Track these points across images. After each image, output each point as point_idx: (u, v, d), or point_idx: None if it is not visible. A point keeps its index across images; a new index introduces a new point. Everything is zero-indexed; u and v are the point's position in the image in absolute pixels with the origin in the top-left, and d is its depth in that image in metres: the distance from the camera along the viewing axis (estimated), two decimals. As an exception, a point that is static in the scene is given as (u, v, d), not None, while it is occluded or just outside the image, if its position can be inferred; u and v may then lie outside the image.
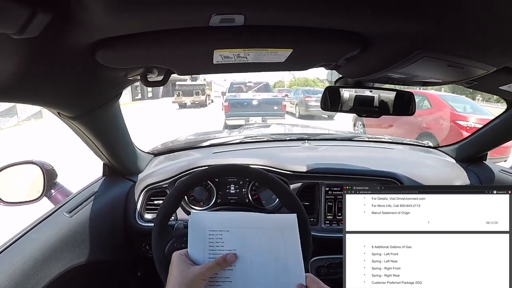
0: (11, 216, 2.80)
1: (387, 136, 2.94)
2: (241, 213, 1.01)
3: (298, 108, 18.82)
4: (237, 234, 0.98)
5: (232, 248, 0.97)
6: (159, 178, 1.91)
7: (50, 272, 1.30)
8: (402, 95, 1.41)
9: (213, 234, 0.98)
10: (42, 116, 19.47)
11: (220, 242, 0.97)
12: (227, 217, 1.01)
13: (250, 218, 1.01)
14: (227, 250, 0.96)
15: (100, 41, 0.85)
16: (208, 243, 0.97)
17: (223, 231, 0.98)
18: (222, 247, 0.97)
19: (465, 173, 2.13)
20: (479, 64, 0.97)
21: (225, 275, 0.95)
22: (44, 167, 1.70)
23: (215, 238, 0.98)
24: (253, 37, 0.89)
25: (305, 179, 1.93)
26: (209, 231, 0.98)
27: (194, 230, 0.98)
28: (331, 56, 1.10)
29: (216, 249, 0.97)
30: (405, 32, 0.84)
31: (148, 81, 1.15)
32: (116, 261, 1.83)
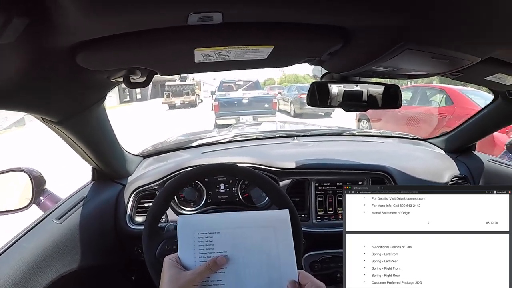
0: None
1: (376, 130, 2.95)
2: (231, 213, 1.00)
3: (293, 106, 18.12)
4: (228, 235, 0.97)
5: (223, 250, 0.96)
6: (148, 180, 1.90)
7: (42, 280, 1.29)
8: (389, 88, 1.41)
9: (202, 237, 0.97)
10: (24, 123, 19.29)
11: (211, 245, 0.97)
12: (217, 219, 1.00)
13: (240, 217, 1.00)
14: (218, 252, 0.96)
15: (79, 44, 0.84)
16: (198, 246, 0.96)
17: (213, 233, 0.97)
18: (213, 250, 0.96)
19: (454, 163, 2.14)
20: (463, 55, 0.97)
21: (217, 278, 0.94)
22: (32, 174, 1.68)
23: (205, 241, 0.97)
24: (233, 34, 0.88)
25: (295, 176, 1.93)
26: (198, 234, 0.97)
27: (183, 234, 0.97)
28: (313, 51, 1.09)
29: (206, 252, 0.96)
30: (386, 25, 0.84)
31: (131, 82, 1.13)
32: (109, 265, 1.82)
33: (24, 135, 15.73)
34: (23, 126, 18.65)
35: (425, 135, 2.56)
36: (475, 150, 2.30)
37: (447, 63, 1.05)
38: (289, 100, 18.83)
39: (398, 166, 1.96)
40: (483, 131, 2.10)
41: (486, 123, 2.02)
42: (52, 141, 1.66)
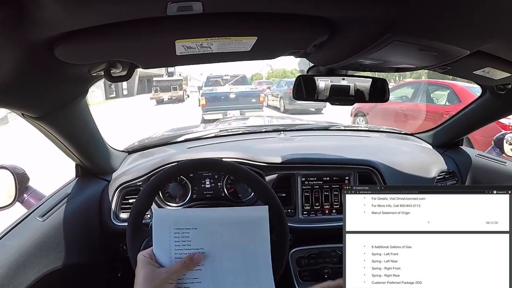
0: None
1: (363, 124, 2.96)
2: (209, 209, 1.01)
3: (283, 101, 17.62)
4: (205, 232, 0.96)
5: (199, 246, 0.95)
6: (133, 176, 1.88)
7: (25, 278, 1.27)
8: (376, 82, 1.41)
9: (178, 233, 0.96)
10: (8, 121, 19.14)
11: (187, 241, 0.95)
12: (194, 214, 0.99)
13: (218, 213, 0.99)
14: (194, 249, 0.95)
15: (57, 36, 0.81)
16: (174, 242, 0.95)
17: (190, 229, 0.96)
18: (189, 246, 0.95)
19: (442, 158, 2.15)
20: (451, 48, 0.96)
21: (193, 276, 0.94)
22: (15, 171, 1.66)
23: (181, 237, 0.95)
24: (214, 25, 0.86)
25: (281, 170, 1.92)
26: (174, 229, 0.96)
27: (159, 228, 0.96)
28: (298, 43, 1.07)
29: (182, 248, 0.95)
30: (373, 16, 0.83)
31: (112, 76, 1.11)
32: (94, 263, 1.80)
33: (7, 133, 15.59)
34: (5, 124, 18.50)
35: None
36: (462, 145, 2.31)
37: (435, 56, 1.04)
38: (279, 95, 18.46)
39: (385, 160, 1.96)
40: (471, 126, 2.10)
41: (473, 118, 2.02)
42: (36, 138, 1.64)
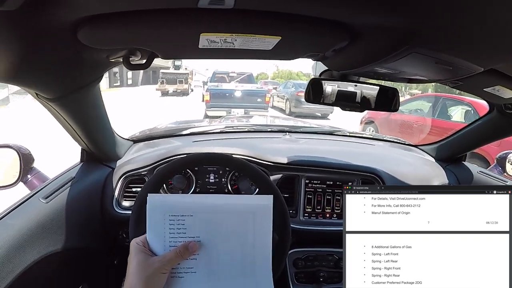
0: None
1: (367, 132, 2.96)
2: (207, 195, 0.95)
3: (289, 103, 17.27)
4: (202, 219, 0.92)
5: (195, 235, 0.92)
6: (138, 165, 1.89)
7: (25, 259, 1.28)
8: (386, 90, 1.41)
9: (174, 220, 0.91)
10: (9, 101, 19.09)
11: (182, 229, 0.92)
12: (191, 201, 0.95)
13: (217, 201, 0.95)
14: (189, 237, 0.91)
15: (83, 19, 0.82)
16: (168, 229, 0.91)
17: (186, 216, 0.92)
18: (184, 234, 0.91)
19: (443, 172, 2.15)
20: (466, 64, 0.97)
21: (188, 265, 0.91)
22: (21, 151, 1.68)
23: (176, 224, 0.91)
24: (242, 21, 0.87)
25: (286, 171, 1.93)
26: (169, 216, 0.91)
27: (153, 214, 0.92)
28: (319, 46, 1.08)
29: (177, 236, 0.91)
30: (395, 26, 0.83)
31: (130, 63, 1.11)
32: (93, 248, 1.81)
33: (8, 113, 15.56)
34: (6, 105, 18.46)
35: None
36: (465, 161, 2.31)
37: (450, 71, 1.04)
38: (285, 97, 18.12)
39: (388, 169, 1.97)
40: (475, 142, 2.10)
41: (479, 134, 2.02)
42: (36, 120, 1.64)
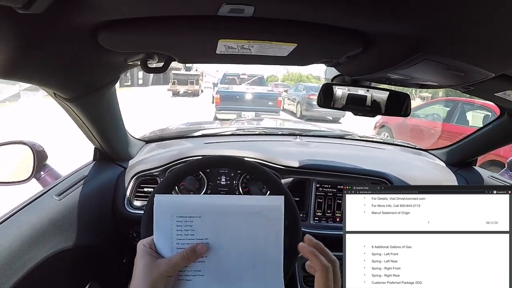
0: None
1: (378, 136, 2.95)
2: (216, 196, 0.92)
3: (300, 106, 16.93)
4: (210, 221, 0.90)
5: (203, 236, 0.89)
6: (150, 165, 1.91)
7: (36, 254, 1.29)
8: (397, 95, 1.41)
9: (181, 221, 0.89)
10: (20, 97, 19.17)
11: (190, 230, 0.89)
12: (199, 201, 0.92)
13: (226, 201, 0.92)
14: (197, 239, 0.88)
15: (104, 24, 0.84)
16: (176, 231, 0.89)
17: (194, 217, 0.89)
18: (192, 236, 0.89)
19: (454, 176, 2.14)
20: (478, 69, 0.97)
21: (196, 268, 0.88)
22: (35, 148, 1.68)
23: (183, 226, 0.89)
24: (260, 29, 0.88)
25: (297, 175, 1.94)
26: (177, 217, 0.89)
27: (160, 215, 0.89)
28: (333, 53, 1.10)
29: (185, 238, 0.89)
30: (408, 33, 0.84)
31: (148, 67, 1.13)
32: (103, 247, 1.83)
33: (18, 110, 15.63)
34: (15, 102, 18.55)
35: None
36: (475, 165, 2.30)
37: (461, 77, 1.05)
38: (296, 100, 17.79)
39: (399, 174, 1.96)
40: (486, 146, 2.10)
41: (489, 139, 2.02)
42: (45, 116, 1.66)
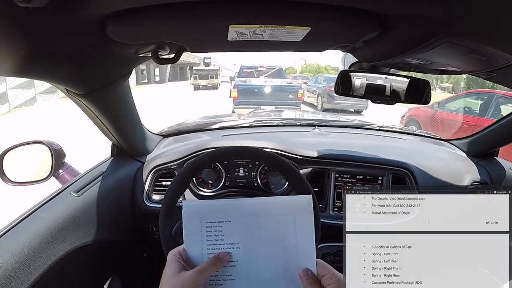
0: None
1: (397, 126, 2.92)
2: (244, 199, 0.92)
3: (321, 99, 16.53)
4: (240, 224, 0.89)
5: (234, 241, 0.89)
6: (167, 159, 1.91)
7: (56, 251, 1.31)
8: (417, 83, 1.38)
9: (211, 226, 0.89)
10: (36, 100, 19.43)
11: (220, 235, 0.88)
12: (227, 206, 0.91)
13: (254, 204, 0.91)
14: (228, 244, 0.88)
15: (111, 14, 0.82)
16: (206, 237, 0.88)
17: (223, 222, 0.89)
18: (223, 241, 0.88)
19: (475, 167, 2.09)
20: (501, 53, 0.93)
21: (227, 273, 0.88)
22: (53, 147, 1.71)
23: (213, 231, 0.88)
24: (271, 12, 0.86)
25: (315, 165, 1.92)
26: (206, 223, 0.89)
27: (189, 222, 0.89)
28: (349, 37, 1.06)
29: (215, 243, 0.88)
30: (428, 15, 0.81)
31: (159, 58, 1.12)
32: (122, 241, 1.84)
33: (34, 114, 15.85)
34: (31, 106, 18.80)
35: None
36: (497, 156, 2.24)
37: (483, 61, 1.02)
38: (316, 92, 17.44)
39: (419, 164, 1.93)
40: (509, 137, 2.03)
41: None
42: (60, 121, 1.67)
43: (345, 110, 15.65)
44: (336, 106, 15.34)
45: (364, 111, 16.24)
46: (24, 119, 14.64)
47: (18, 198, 4.19)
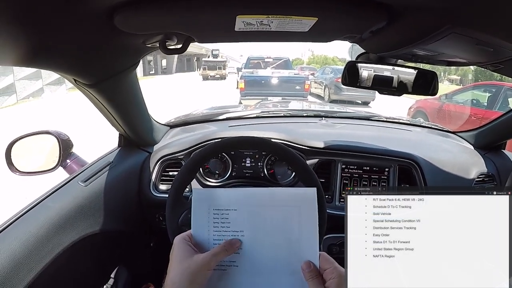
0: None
1: (405, 118, 2.90)
2: (251, 189, 0.93)
3: (328, 90, 16.54)
4: (246, 213, 0.92)
5: (239, 229, 0.91)
6: (174, 149, 1.92)
7: (64, 239, 1.32)
8: (425, 74, 1.38)
9: (218, 213, 0.91)
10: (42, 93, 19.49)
11: (226, 223, 0.91)
12: (235, 194, 0.93)
13: (261, 194, 0.93)
14: (233, 231, 0.91)
15: (119, 5, 0.83)
16: (212, 223, 0.91)
17: (230, 210, 0.92)
18: (228, 228, 0.91)
19: (482, 160, 2.09)
20: (508, 45, 0.93)
21: (231, 259, 0.90)
22: (60, 137, 1.72)
23: (220, 218, 0.91)
24: (278, 2, 0.86)
25: (322, 155, 1.92)
26: (214, 210, 0.91)
27: (198, 208, 0.92)
28: (356, 27, 1.06)
29: (221, 230, 0.91)
30: (436, 5, 0.81)
31: (167, 48, 1.12)
32: (129, 231, 1.85)
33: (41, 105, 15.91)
34: (39, 97, 18.86)
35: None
36: (504, 149, 2.24)
37: (491, 52, 1.01)
38: (323, 83, 17.45)
39: (426, 156, 1.93)
40: None
41: None
42: (67, 112, 1.67)
43: (352, 101, 15.59)
44: (343, 97, 15.25)
45: (371, 103, 16.19)
46: (31, 110, 14.69)
47: (25, 188, 4.23)
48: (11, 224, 1.22)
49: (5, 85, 17.29)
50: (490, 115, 7.13)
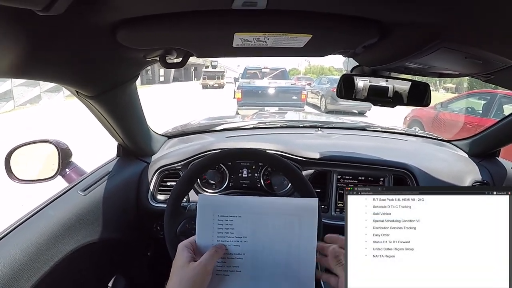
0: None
1: (400, 127, 2.92)
2: (255, 197, 0.94)
3: (324, 100, 16.51)
4: (249, 220, 0.94)
5: (242, 235, 0.94)
6: (172, 160, 1.94)
7: (63, 248, 1.33)
8: (418, 85, 1.40)
9: (222, 220, 0.94)
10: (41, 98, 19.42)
11: (230, 229, 0.93)
12: (239, 202, 0.96)
13: (264, 203, 0.96)
14: (236, 237, 0.93)
15: (121, 21, 0.85)
16: (217, 229, 0.93)
17: (234, 217, 0.94)
18: (232, 234, 0.93)
19: (477, 168, 2.10)
20: (497, 57, 0.95)
21: (234, 264, 0.93)
22: (60, 146, 1.72)
23: (224, 224, 0.93)
24: (274, 21, 0.89)
25: (318, 166, 1.94)
26: (218, 216, 0.94)
27: (203, 213, 0.94)
28: (349, 43, 1.09)
29: (225, 236, 0.93)
30: (425, 21, 0.84)
31: (167, 62, 1.15)
32: (127, 240, 1.86)
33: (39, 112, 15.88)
34: (37, 104, 18.79)
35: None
36: (499, 156, 2.25)
37: (480, 65, 1.04)
38: (320, 93, 17.37)
39: (421, 165, 1.94)
40: (510, 137, 2.03)
41: None
42: (64, 119, 1.69)
43: (349, 111, 15.49)
44: (340, 107, 15.26)
45: (367, 112, 16.21)
46: (29, 117, 14.62)
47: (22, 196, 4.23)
48: (12, 231, 1.23)
49: (2, 91, 17.17)
50: (485, 123, 7.13)
